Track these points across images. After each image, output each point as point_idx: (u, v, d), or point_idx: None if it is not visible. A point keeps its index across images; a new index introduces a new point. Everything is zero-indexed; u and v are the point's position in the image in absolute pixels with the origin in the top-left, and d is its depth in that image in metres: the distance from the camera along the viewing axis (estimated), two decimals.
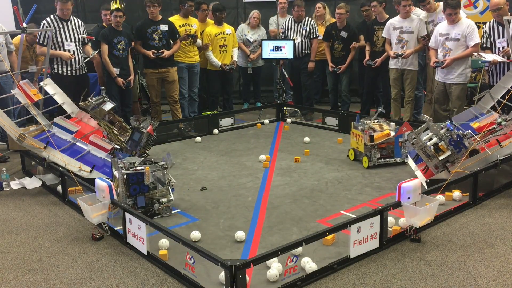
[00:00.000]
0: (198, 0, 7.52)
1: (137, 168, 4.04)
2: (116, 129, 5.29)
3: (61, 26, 6.11)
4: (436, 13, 6.70)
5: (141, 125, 5.16)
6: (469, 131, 4.61)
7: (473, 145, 4.43)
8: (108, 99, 5.38)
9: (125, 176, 3.97)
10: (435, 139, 4.48)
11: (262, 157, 5.64)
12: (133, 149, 5.11)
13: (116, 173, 4.13)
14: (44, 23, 6.05)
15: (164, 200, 4.11)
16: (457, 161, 4.38)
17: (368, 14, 7.56)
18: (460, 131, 4.49)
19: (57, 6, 6.07)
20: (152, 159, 4.28)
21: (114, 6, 6.55)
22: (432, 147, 4.44)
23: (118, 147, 5.06)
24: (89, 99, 5.29)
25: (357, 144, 5.42)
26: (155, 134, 5.37)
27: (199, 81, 7.64)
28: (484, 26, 6.06)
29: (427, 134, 4.63)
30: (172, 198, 4.20)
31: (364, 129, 5.26)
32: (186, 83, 7.38)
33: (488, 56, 5.67)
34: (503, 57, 5.69)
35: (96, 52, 6.45)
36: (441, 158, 4.42)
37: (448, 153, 4.41)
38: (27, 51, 6.91)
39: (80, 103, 5.33)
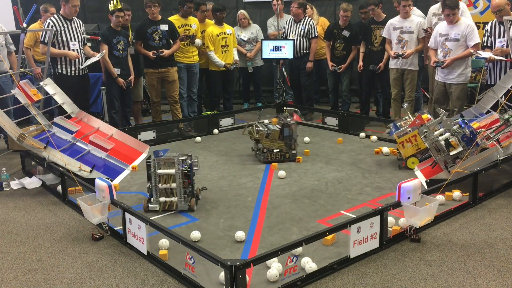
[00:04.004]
0: (198, 1, 7.51)
1: (188, 161, 4.21)
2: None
3: (65, 25, 6.09)
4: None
5: (286, 120, 5.59)
6: (482, 129, 4.60)
7: (485, 143, 4.42)
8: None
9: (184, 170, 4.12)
10: (447, 134, 4.45)
11: (282, 172, 5.12)
12: (292, 143, 5.58)
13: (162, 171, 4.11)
14: (49, 22, 6.01)
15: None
16: (468, 157, 4.36)
17: (366, 17, 7.56)
18: (472, 129, 4.47)
19: (65, 5, 6.00)
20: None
21: (113, 7, 6.50)
22: (443, 142, 4.42)
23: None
24: (259, 126, 5.59)
25: (418, 146, 5.00)
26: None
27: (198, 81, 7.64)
28: (486, 25, 6.06)
29: (438, 129, 4.62)
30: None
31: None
32: (184, 83, 7.37)
33: (485, 54, 5.66)
34: (506, 56, 5.67)
35: (103, 53, 6.39)
36: (452, 153, 4.41)
37: (460, 149, 4.40)
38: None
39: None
